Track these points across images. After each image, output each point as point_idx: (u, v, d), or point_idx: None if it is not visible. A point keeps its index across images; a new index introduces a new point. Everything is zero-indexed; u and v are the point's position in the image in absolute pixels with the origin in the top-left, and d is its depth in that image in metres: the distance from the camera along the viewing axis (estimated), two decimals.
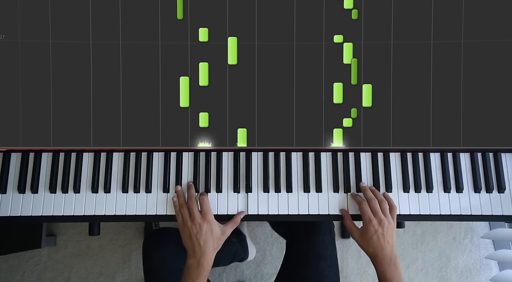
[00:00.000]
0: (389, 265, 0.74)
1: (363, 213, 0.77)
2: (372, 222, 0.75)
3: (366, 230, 0.76)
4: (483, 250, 1.50)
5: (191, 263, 0.74)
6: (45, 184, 0.82)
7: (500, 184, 0.83)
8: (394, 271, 0.74)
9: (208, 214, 0.77)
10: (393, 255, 0.75)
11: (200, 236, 0.74)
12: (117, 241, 1.45)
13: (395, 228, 0.78)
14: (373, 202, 0.78)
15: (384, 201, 0.78)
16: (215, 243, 0.76)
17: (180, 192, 0.80)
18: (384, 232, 0.75)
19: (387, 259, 0.74)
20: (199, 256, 0.74)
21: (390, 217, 0.77)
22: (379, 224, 0.75)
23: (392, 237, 0.76)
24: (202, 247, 0.74)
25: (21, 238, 1.34)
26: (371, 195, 0.79)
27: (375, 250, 0.75)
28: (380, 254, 0.75)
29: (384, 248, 0.75)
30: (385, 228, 0.75)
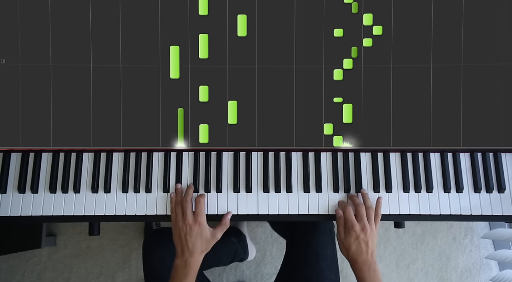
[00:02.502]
0: (368, 271, 0.75)
1: (347, 217, 0.78)
2: (354, 227, 0.76)
3: (349, 234, 0.76)
4: (483, 250, 1.50)
5: (179, 263, 0.75)
6: (45, 184, 0.82)
7: (500, 184, 0.83)
8: (374, 277, 0.75)
9: (200, 216, 0.77)
10: (373, 261, 0.76)
11: (189, 237, 0.75)
12: (117, 241, 1.45)
13: (376, 235, 0.78)
14: (360, 207, 0.78)
15: (371, 208, 0.79)
16: (203, 245, 0.76)
17: (179, 190, 0.81)
18: (366, 238, 0.76)
19: (366, 265, 0.75)
20: (186, 256, 0.74)
21: (373, 224, 0.78)
22: (362, 230, 0.76)
23: (373, 243, 0.77)
24: (190, 248, 0.74)
25: (21, 238, 1.34)
26: (358, 201, 0.80)
27: (355, 255, 0.76)
28: (359, 260, 0.75)
29: (364, 254, 0.75)
30: (367, 234, 0.76)
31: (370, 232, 0.76)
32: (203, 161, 0.84)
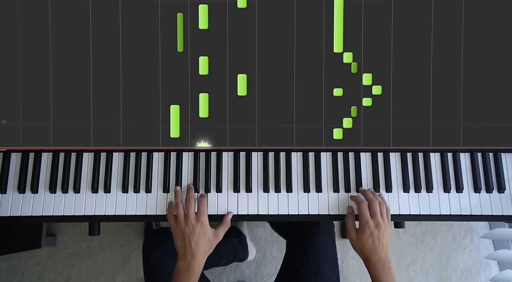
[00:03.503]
0: (383, 269, 0.74)
1: (361, 214, 0.76)
2: (369, 223, 0.75)
3: (363, 232, 0.75)
4: (483, 250, 1.50)
5: (181, 266, 0.73)
6: (45, 184, 0.82)
7: (500, 184, 0.83)
8: (388, 274, 0.74)
9: (202, 215, 0.76)
10: (387, 258, 0.75)
11: (192, 237, 0.74)
12: (117, 241, 1.45)
13: (390, 231, 0.77)
14: (374, 203, 0.77)
15: (383, 204, 0.78)
16: (206, 246, 0.75)
17: (179, 192, 0.80)
18: (380, 234, 0.74)
19: (381, 262, 0.74)
20: (189, 259, 0.73)
21: (386, 220, 0.77)
22: (376, 227, 0.75)
23: (387, 240, 0.76)
24: (193, 250, 0.73)
25: (21, 238, 1.34)
26: (372, 197, 0.79)
27: (370, 252, 0.75)
28: (374, 257, 0.74)
29: (378, 251, 0.74)
30: (381, 231, 0.75)
31: (384, 228, 0.75)
32: (203, 161, 0.84)
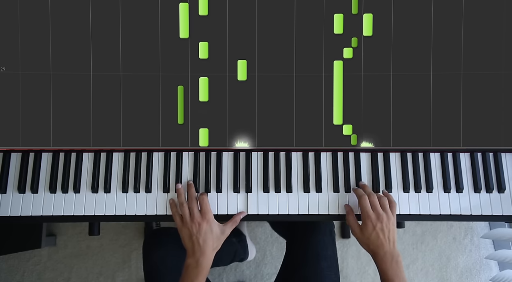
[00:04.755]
0: (391, 263, 0.72)
1: (362, 207, 0.76)
2: (370, 217, 0.74)
3: (365, 225, 0.75)
4: (483, 250, 1.50)
5: (190, 262, 0.74)
6: (45, 184, 0.82)
7: (500, 184, 0.83)
8: (396, 269, 0.72)
9: (207, 214, 0.77)
10: (395, 253, 0.73)
11: (199, 235, 0.74)
12: (117, 241, 1.45)
13: (395, 223, 0.76)
14: (372, 196, 0.77)
15: (384, 197, 0.78)
16: (214, 242, 0.76)
17: (181, 191, 0.80)
18: (383, 227, 0.73)
19: (388, 256, 0.72)
20: (198, 256, 0.74)
21: (389, 212, 0.76)
22: (378, 219, 0.74)
23: (393, 233, 0.74)
24: (202, 247, 0.74)
25: (21, 238, 1.34)
26: (371, 190, 0.79)
27: (376, 246, 0.74)
28: (381, 251, 0.73)
29: (384, 244, 0.73)
30: (384, 223, 0.74)
31: (387, 220, 0.74)
32: (203, 161, 0.84)
